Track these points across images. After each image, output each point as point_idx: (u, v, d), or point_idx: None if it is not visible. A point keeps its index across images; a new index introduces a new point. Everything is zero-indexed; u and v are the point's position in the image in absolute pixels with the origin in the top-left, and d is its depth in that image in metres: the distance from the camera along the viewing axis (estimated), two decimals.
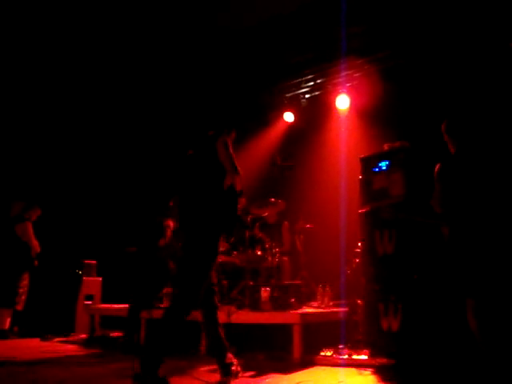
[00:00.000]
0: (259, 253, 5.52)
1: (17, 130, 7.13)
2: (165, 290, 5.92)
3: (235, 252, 5.67)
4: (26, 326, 6.40)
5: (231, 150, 3.40)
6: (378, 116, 6.55)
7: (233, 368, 3.47)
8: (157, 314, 5.72)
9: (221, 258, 5.72)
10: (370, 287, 4.71)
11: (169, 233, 5.57)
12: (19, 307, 6.23)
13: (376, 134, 5.93)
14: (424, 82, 6.24)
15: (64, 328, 6.42)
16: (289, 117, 7.86)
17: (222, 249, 5.98)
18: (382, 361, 4.30)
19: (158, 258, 5.40)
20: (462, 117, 4.15)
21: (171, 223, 5.55)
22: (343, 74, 7.38)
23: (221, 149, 3.35)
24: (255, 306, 4.84)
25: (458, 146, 3.80)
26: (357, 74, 7.30)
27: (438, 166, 3.73)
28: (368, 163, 5.01)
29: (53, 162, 7.40)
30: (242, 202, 3.53)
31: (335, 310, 5.14)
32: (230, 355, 3.53)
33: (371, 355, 4.40)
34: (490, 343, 3.28)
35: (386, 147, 5.02)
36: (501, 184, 3.55)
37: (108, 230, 5.97)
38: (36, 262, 6.36)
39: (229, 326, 4.29)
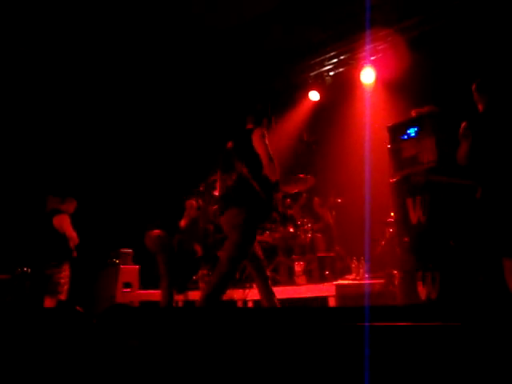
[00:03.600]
0: (291, 230, 5.51)
1: (45, 124, 7.30)
2: (199, 273, 5.99)
3: (267, 231, 5.67)
4: None
5: (267, 141, 3.63)
6: (405, 86, 6.41)
7: None
8: (192, 295, 5.80)
9: None
10: (406, 257, 4.64)
11: (192, 213, 5.47)
12: (62, 297, 6.37)
13: (403, 104, 5.81)
14: (449, 49, 6.07)
15: None
16: (314, 95, 7.78)
17: None
18: None
19: (180, 240, 5.33)
20: (493, 75, 4.05)
21: (194, 203, 5.46)
22: (367, 47, 7.24)
23: (257, 141, 3.59)
24: (290, 280, 4.84)
25: (488, 103, 3.70)
26: (381, 47, 7.14)
27: (464, 124, 3.67)
28: (396, 131, 4.93)
29: (84, 153, 7.54)
30: (279, 196, 3.85)
31: (371, 281, 5.09)
32: None
33: None
34: None
35: (413, 114, 4.92)
36: None
37: (142, 217, 6.03)
38: (75, 253, 6.47)
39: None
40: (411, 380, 0.82)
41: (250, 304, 5.07)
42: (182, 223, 5.30)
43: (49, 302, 6.28)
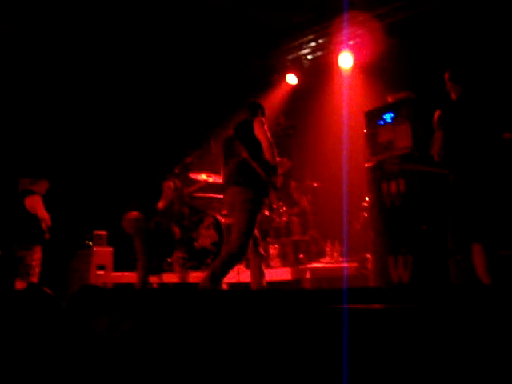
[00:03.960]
0: (267, 213, 5.52)
1: (19, 105, 7.11)
2: (174, 256, 5.97)
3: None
4: None
5: (266, 128, 3.95)
6: (382, 72, 6.43)
7: None
8: (167, 278, 5.79)
9: (228, 220, 5.73)
10: (379, 240, 4.71)
11: (170, 194, 5.40)
12: (34, 279, 6.29)
13: (380, 90, 5.83)
14: (427, 35, 6.11)
15: None
16: (292, 79, 7.76)
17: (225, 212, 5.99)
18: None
19: (157, 222, 5.30)
20: (465, 64, 4.11)
21: (171, 184, 5.41)
22: (345, 31, 7.23)
23: (258, 128, 3.90)
24: (264, 263, 4.86)
25: (461, 92, 3.75)
26: (359, 31, 7.14)
27: (437, 113, 3.71)
28: (372, 117, 4.96)
29: (57, 134, 7.38)
30: (280, 179, 4.14)
31: (345, 265, 5.16)
32: None
33: None
34: (497, 282, 3.30)
35: (390, 99, 4.96)
36: (502, 128, 3.52)
37: (117, 199, 5.96)
38: (47, 235, 6.38)
39: (238, 285, 4.33)
40: (387, 363, 0.84)
41: (225, 286, 5.08)
42: (160, 205, 5.26)
43: (20, 285, 6.20)
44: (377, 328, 0.86)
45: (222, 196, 6.20)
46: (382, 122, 4.87)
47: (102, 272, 6.86)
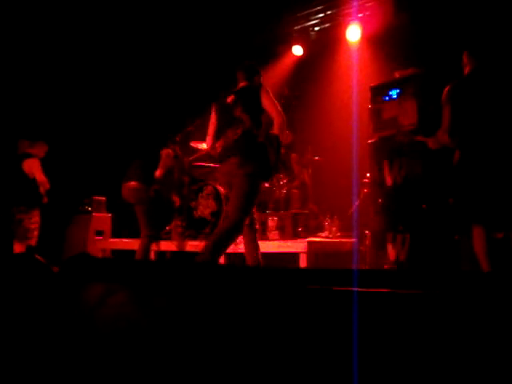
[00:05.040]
0: (266, 185, 5.49)
1: (20, 67, 6.99)
2: (173, 224, 5.97)
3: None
4: None
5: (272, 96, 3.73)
6: (391, 46, 6.31)
7: None
8: (164, 246, 5.80)
9: (226, 191, 5.71)
10: (378, 218, 4.70)
11: (169, 162, 5.30)
12: (32, 242, 6.31)
13: (388, 64, 5.73)
14: (436, 10, 5.96)
15: None
16: (297, 50, 7.62)
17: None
18: None
19: (157, 190, 5.24)
20: (484, 37, 3.98)
21: (171, 152, 5.34)
22: (354, 3, 7.07)
23: (267, 97, 3.66)
24: (262, 235, 4.86)
25: (475, 66, 3.57)
26: (368, 4, 6.99)
27: (447, 87, 3.54)
28: (378, 92, 4.88)
29: (58, 96, 7.28)
30: (289, 137, 4.10)
31: (343, 240, 5.16)
32: None
33: None
34: (495, 267, 3.27)
35: (396, 75, 4.87)
36: None
37: (116, 165, 5.91)
38: (45, 199, 6.36)
39: (235, 256, 4.33)
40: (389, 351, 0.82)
41: (222, 258, 5.09)
42: (158, 173, 5.19)
43: (18, 247, 6.21)
44: (383, 313, 0.84)
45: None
46: (387, 98, 4.79)
47: (100, 238, 6.90)
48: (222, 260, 5.14)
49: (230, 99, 3.85)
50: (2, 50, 6.73)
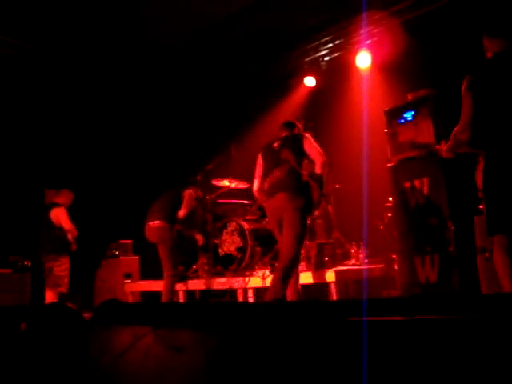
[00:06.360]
0: None
1: (42, 117, 7.25)
2: (199, 262, 5.99)
3: (266, 218, 5.66)
4: None
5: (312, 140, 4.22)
6: (401, 70, 6.35)
7: None
8: (192, 285, 5.82)
9: (252, 226, 5.73)
10: (405, 240, 4.65)
11: (191, 203, 5.41)
12: (63, 289, 6.38)
13: (400, 88, 5.76)
14: (445, 31, 6.01)
15: None
16: (310, 81, 7.73)
17: (252, 217, 5.98)
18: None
19: (180, 230, 5.32)
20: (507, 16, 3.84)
21: (193, 193, 5.43)
22: (362, 31, 7.18)
23: (310, 144, 4.16)
24: None
25: (500, 48, 3.02)
26: (376, 30, 7.07)
27: (467, 78, 3.06)
28: (393, 115, 4.91)
29: (81, 144, 7.50)
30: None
31: (371, 266, 5.10)
32: None
33: None
34: None
35: (410, 97, 4.90)
36: None
37: (140, 208, 6.02)
38: (74, 246, 6.47)
39: (264, 290, 4.31)
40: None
41: (251, 293, 5.08)
42: (181, 213, 5.29)
43: (50, 295, 6.31)
44: (398, 342, 0.84)
45: (245, 201, 6.24)
46: (402, 121, 4.81)
47: (128, 281, 6.95)
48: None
49: (276, 144, 4.32)
50: (28, 104, 7.02)
